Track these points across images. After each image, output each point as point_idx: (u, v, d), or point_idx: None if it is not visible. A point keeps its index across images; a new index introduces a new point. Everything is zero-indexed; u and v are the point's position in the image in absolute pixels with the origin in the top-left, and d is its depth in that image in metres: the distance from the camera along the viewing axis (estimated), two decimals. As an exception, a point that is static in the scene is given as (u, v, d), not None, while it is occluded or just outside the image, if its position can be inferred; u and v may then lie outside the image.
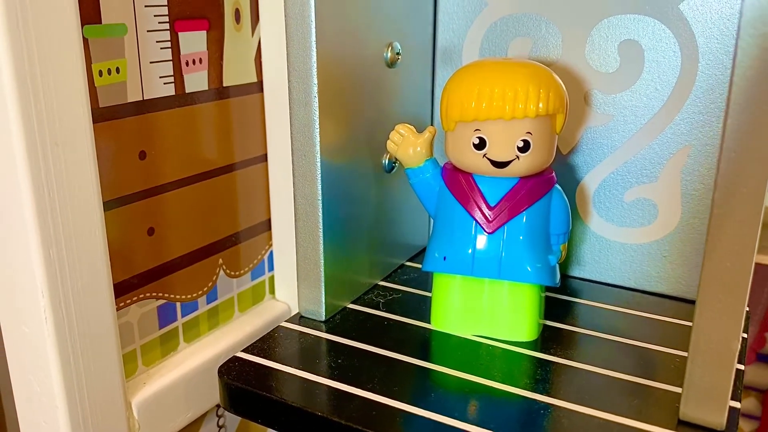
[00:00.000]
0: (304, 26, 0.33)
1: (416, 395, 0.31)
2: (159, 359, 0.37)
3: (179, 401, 0.37)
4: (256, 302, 0.44)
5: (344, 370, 0.33)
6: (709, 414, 0.28)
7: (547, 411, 0.30)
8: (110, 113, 0.32)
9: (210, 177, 0.39)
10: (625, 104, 0.39)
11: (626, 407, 0.30)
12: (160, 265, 0.36)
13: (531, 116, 0.32)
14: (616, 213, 0.41)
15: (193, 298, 0.39)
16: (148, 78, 0.34)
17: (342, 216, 0.38)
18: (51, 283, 0.29)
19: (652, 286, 0.41)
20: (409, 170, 0.37)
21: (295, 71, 0.34)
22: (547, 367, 0.34)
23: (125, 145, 0.33)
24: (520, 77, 0.32)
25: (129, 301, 0.35)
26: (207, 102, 0.37)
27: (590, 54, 0.39)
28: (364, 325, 0.37)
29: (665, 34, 0.37)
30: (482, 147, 0.33)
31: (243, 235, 0.42)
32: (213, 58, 0.37)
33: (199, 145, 0.37)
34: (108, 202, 0.33)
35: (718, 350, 0.27)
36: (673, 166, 0.39)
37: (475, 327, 0.36)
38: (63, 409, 0.31)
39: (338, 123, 0.36)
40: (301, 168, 0.35)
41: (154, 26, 0.34)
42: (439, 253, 0.35)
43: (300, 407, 0.31)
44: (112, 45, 0.32)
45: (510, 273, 0.34)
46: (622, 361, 0.34)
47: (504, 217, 0.34)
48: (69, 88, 0.28)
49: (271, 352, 0.35)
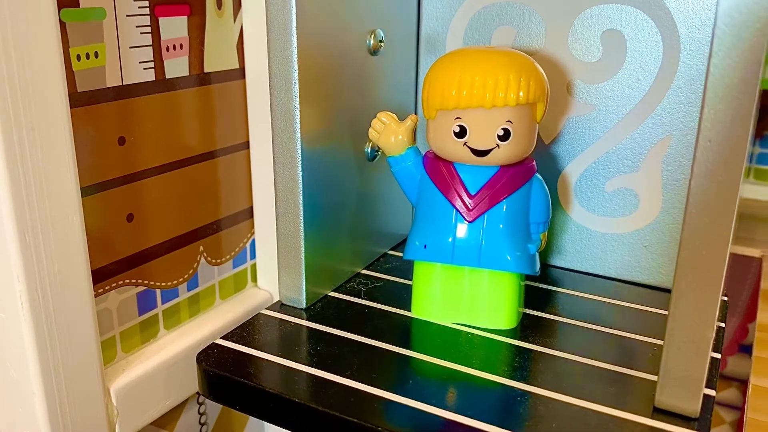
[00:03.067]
0: (284, 12, 0.33)
1: (395, 382, 0.31)
2: (138, 346, 0.37)
3: (159, 388, 0.37)
4: (238, 290, 0.44)
5: (323, 358, 0.33)
6: (683, 402, 0.29)
7: (525, 398, 0.30)
8: (88, 98, 0.32)
9: (191, 164, 0.38)
10: (607, 94, 0.39)
11: (603, 395, 0.31)
12: (139, 251, 0.36)
13: (511, 105, 0.32)
14: (598, 203, 0.41)
15: (174, 285, 0.39)
16: (128, 63, 0.33)
17: (323, 204, 0.38)
18: (27, 269, 0.29)
19: (632, 275, 0.42)
20: (391, 158, 0.37)
21: (276, 57, 0.34)
22: (525, 355, 0.34)
23: (104, 131, 0.33)
24: (500, 66, 0.32)
25: (108, 288, 0.35)
26: (188, 88, 0.37)
27: (573, 43, 0.39)
28: (345, 313, 0.37)
29: (647, 24, 0.37)
30: (463, 135, 0.33)
31: (224, 223, 0.42)
32: (194, 44, 0.37)
33: (179, 132, 0.37)
34: (86, 188, 0.32)
35: (693, 338, 0.27)
36: (655, 155, 0.39)
37: (456, 315, 0.36)
38: (40, 395, 0.30)
39: (320, 110, 0.36)
40: (281, 155, 0.35)
41: (133, 11, 0.33)
42: (419, 242, 0.35)
43: (278, 394, 0.31)
44: (90, 29, 0.31)
45: (490, 261, 0.34)
46: (601, 350, 0.34)
47: (484, 206, 0.34)
48: (45, 72, 0.28)
49: (250, 339, 0.35)
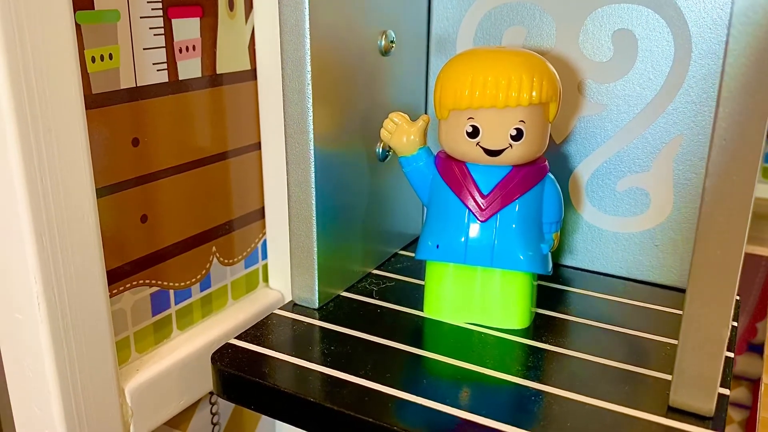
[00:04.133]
0: (297, 14, 0.33)
1: (408, 382, 0.31)
2: (152, 346, 0.37)
3: (172, 388, 0.37)
4: (249, 290, 0.44)
5: (337, 357, 0.33)
6: (698, 401, 0.29)
7: (538, 397, 0.30)
8: (103, 100, 0.32)
9: (203, 165, 0.39)
10: (619, 93, 0.39)
11: (617, 394, 0.31)
12: (153, 252, 0.36)
13: (524, 104, 0.32)
14: (609, 202, 0.41)
15: (187, 286, 0.39)
16: (141, 64, 0.34)
17: (335, 204, 0.38)
18: (44, 270, 0.29)
19: (644, 275, 0.42)
20: (403, 159, 0.37)
21: (289, 59, 0.34)
22: (538, 355, 0.34)
23: (118, 132, 0.33)
24: (513, 65, 0.32)
25: (122, 288, 0.35)
26: (200, 89, 0.37)
27: (584, 43, 0.39)
28: (357, 313, 0.37)
29: (659, 23, 0.37)
30: (475, 135, 0.33)
31: (236, 224, 0.42)
32: (206, 45, 0.37)
33: (192, 133, 0.37)
34: (101, 189, 0.33)
35: (708, 338, 0.27)
36: (666, 155, 0.39)
37: (468, 315, 0.36)
38: (56, 394, 0.31)
39: (332, 111, 0.36)
40: (294, 156, 0.35)
41: (147, 12, 0.33)
42: (432, 242, 0.35)
43: (292, 393, 0.31)
44: (105, 31, 0.32)
45: (502, 261, 0.34)
46: (614, 349, 0.34)
47: (497, 206, 0.34)
48: (61, 74, 0.28)
49: (264, 339, 0.35)
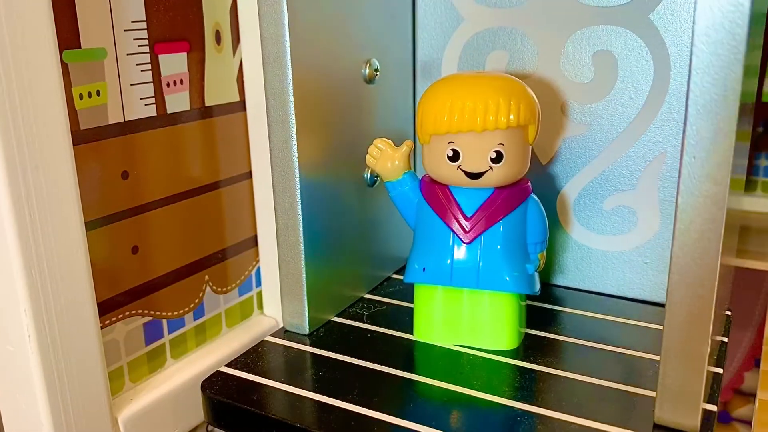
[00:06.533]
0: (278, 45, 0.34)
1: (396, 405, 0.32)
2: (146, 376, 0.37)
3: (167, 417, 0.37)
4: (244, 318, 0.44)
5: (325, 383, 0.33)
6: (682, 417, 0.29)
7: (525, 418, 0.30)
8: (91, 135, 0.33)
9: (194, 195, 0.39)
10: (601, 113, 0.40)
11: (604, 413, 0.31)
12: (145, 282, 0.37)
13: (502, 128, 0.33)
14: (597, 221, 0.42)
15: (180, 315, 0.39)
16: (129, 100, 0.34)
17: (324, 230, 0.38)
18: (34, 303, 0.29)
19: (634, 292, 0.42)
20: (389, 183, 0.37)
21: (272, 90, 0.35)
22: (527, 376, 0.34)
23: (107, 166, 0.34)
24: (490, 90, 0.33)
25: (114, 319, 0.35)
26: (189, 122, 0.38)
27: (565, 65, 0.40)
28: (348, 338, 0.38)
29: (637, 43, 0.38)
30: (456, 159, 0.34)
31: (229, 252, 0.42)
32: (194, 79, 0.38)
33: (182, 164, 0.38)
34: (91, 222, 0.33)
35: (688, 353, 0.27)
36: (651, 172, 0.39)
37: (457, 337, 0.37)
38: (48, 426, 0.31)
39: (317, 139, 0.37)
40: (280, 184, 0.36)
41: (133, 49, 0.34)
42: (418, 265, 0.36)
43: (281, 420, 0.31)
44: (92, 68, 0.32)
45: (488, 282, 0.35)
46: (603, 368, 0.34)
47: (481, 227, 0.35)
48: (49, 112, 0.29)
49: (254, 366, 0.35)
